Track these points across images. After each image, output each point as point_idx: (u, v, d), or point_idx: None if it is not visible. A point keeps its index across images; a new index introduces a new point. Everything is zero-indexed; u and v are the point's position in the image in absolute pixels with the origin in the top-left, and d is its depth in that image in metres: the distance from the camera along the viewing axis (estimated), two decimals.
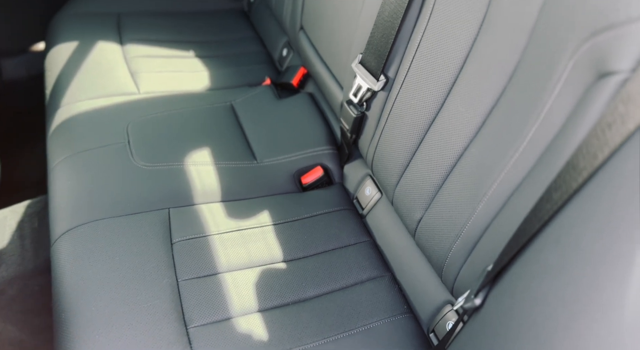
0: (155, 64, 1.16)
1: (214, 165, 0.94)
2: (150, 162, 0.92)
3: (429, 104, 0.70)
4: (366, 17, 0.81)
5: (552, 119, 0.51)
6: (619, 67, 0.41)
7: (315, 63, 1.05)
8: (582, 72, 0.46)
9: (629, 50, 0.40)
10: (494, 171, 0.59)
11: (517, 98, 0.56)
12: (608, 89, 0.42)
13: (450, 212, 0.66)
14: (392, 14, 0.72)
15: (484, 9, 0.60)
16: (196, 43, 1.27)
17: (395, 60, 0.76)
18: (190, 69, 1.19)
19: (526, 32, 0.54)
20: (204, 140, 0.98)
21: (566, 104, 0.48)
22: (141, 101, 1.05)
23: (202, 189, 0.91)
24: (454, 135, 0.66)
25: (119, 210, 0.84)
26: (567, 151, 0.47)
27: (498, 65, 0.58)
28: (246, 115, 1.06)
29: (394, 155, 0.78)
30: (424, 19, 0.69)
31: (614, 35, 0.41)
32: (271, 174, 0.97)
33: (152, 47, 1.21)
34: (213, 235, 0.83)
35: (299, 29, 1.12)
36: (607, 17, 0.42)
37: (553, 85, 0.50)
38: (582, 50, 0.45)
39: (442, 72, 0.67)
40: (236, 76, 1.20)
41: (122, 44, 1.20)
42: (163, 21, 1.31)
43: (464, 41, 0.63)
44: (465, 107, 0.64)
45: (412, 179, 0.74)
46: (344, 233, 0.88)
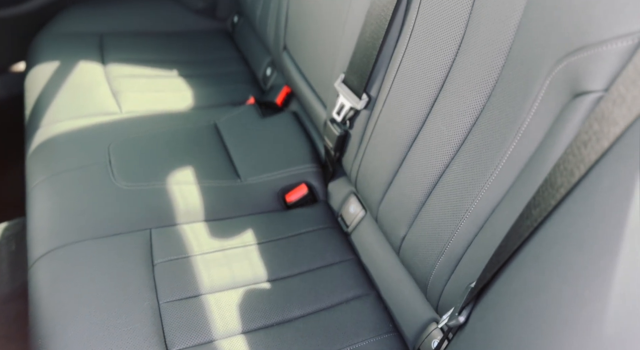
0: (138, 84, 1.16)
1: (197, 184, 0.94)
2: (131, 182, 0.91)
3: (411, 122, 0.70)
4: (348, 38, 0.82)
5: (530, 137, 0.51)
6: (593, 87, 0.42)
7: (299, 82, 1.06)
8: (557, 92, 0.47)
9: (601, 71, 0.41)
10: (475, 188, 0.59)
11: (496, 117, 0.57)
12: (583, 108, 0.43)
13: (433, 229, 0.67)
14: (373, 35, 0.73)
15: (461, 31, 0.61)
16: (179, 62, 1.27)
17: (377, 80, 0.77)
18: (174, 88, 1.19)
19: (503, 53, 0.55)
20: (187, 160, 0.98)
21: (543, 122, 0.49)
22: (123, 121, 1.04)
23: (185, 208, 0.90)
24: (436, 153, 0.66)
25: (99, 231, 0.83)
26: (545, 168, 0.48)
27: (476, 85, 0.60)
28: (230, 134, 1.06)
29: (377, 172, 0.79)
30: (404, 40, 0.70)
31: (587, 56, 0.42)
32: (255, 192, 0.96)
33: (134, 67, 1.20)
34: (196, 256, 0.82)
35: (283, 49, 1.13)
36: (580, 39, 0.43)
37: (530, 104, 0.51)
38: (557, 70, 0.46)
39: (422, 91, 0.68)
40: (220, 95, 1.20)
41: (104, 63, 1.20)
42: (146, 41, 1.31)
43: (443, 62, 0.64)
44: (446, 125, 0.65)
45: (396, 196, 0.75)
46: (328, 251, 0.87)
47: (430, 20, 0.65)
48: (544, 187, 0.46)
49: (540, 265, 0.45)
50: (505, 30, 0.54)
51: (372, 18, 0.72)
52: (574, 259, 0.41)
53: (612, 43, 0.40)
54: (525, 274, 0.46)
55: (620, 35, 0.40)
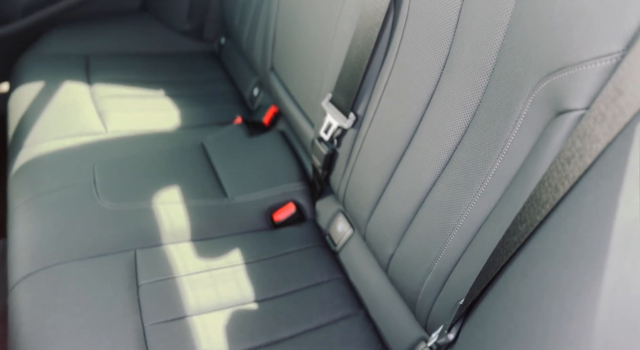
0: (124, 104, 1.16)
1: (183, 203, 0.93)
2: (116, 202, 0.90)
3: (398, 140, 0.71)
4: (335, 58, 0.84)
5: (514, 154, 0.52)
6: (574, 105, 0.43)
7: (286, 102, 1.07)
8: (540, 110, 0.48)
9: (582, 89, 0.42)
10: (461, 205, 0.60)
11: (481, 135, 0.58)
12: (565, 125, 0.45)
13: (421, 247, 0.67)
14: (359, 56, 0.74)
15: (445, 53, 0.62)
16: (166, 83, 1.27)
17: (363, 99, 0.78)
18: (160, 108, 1.19)
19: (486, 74, 0.57)
20: (173, 179, 0.97)
21: (527, 139, 0.50)
22: (108, 141, 1.03)
23: (171, 228, 0.89)
24: (422, 171, 0.67)
25: (82, 253, 0.81)
26: (530, 185, 0.48)
27: (461, 104, 0.61)
28: (217, 154, 1.06)
29: (365, 190, 0.79)
30: (390, 61, 0.71)
31: (567, 75, 0.44)
32: (242, 211, 0.96)
33: (121, 87, 1.20)
34: (181, 277, 0.81)
35: (270, 70, 1.14)
36: (560, 59, 0.44)
37: (514, 122, 0.52)
38: (539, 89, 0.48)
39: (408, 110, 0.69)
40: (207, 115, 1.21)
41: (90, 84, 1.19)
42: (133, 62, 1.32)
43: (428, 82, 0.66)
44: (432, 143, 0.66)
45: (383, 214, 0.75)
46: (316, 270, 0.87)
47: (414, 42, 0.67)
48: (530, 203, 0.46)
49: (528, 281, 0.45)
50: (488, 51, 0.56)
51: (359, 40, 0.74)
52: (561, 274, 0.41)
53: (591, 63, 0.42)
54: (513, 289, 0.46)
55: (598, 56, 0.41)
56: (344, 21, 0.81)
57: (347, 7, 0.80)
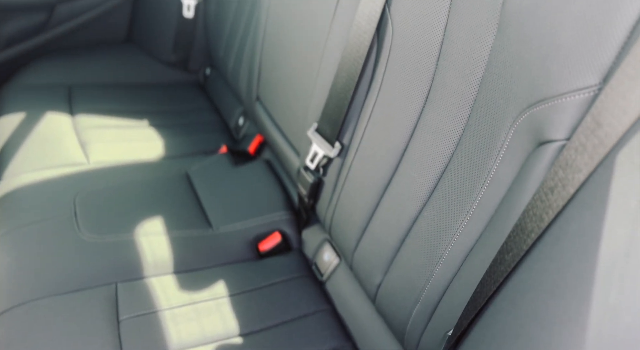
0: (107, 134, 1.15)
1: (167, 234, 0.91)
2: (97, 234, 0.88)
3: (383, 169, 0.72)
4: (320, 89, 0.85)
5: (498, 184, 0.53)
6: (555, 136, 0.44)
7: (272, 131, 1.08)
8: (522, 140, 0.49)
9: (562, 121, 0.44)
10: (447, 234, 0.60)
11: (465, 164, 0.59)
12: (547, 156, 0.45)
13: (408, 276, 0.66)
14: (344, 87, 0.76)
15: (428, 84, 0.64)
16: (150, 113, 1.27)
17: (349, 129, 0.79)
18: (144, 138, 1.18)
19: (468, 105, 0.58)
20: (156, 210, 0.95)
21: (510, 169, 0.51)
22: (90, 172, 1.02)
23: (153, 260, 0.87)
24: (408, 200, 0.67)
25: (62, 287, 0.78)
26: (514, 214, 0.49)
27: (444, 134, 0.62)
28: (202, 183, 1.05)
29: (351, 219, 0.79)
30: (374, 91, 0.72)
31: (547, 107, 0.45)
32: (227, 241, 0.94)
33: (104, 118, 1.19)
34: (164, 311, 0.78)
35: (255, 99, 1.15)
36: (539, 92, 0.46)
37: (496, 152, 0.53)
38: (520, 120, 0.49)
39: (393, 139, 0.70)
40: (191, 145, 1.20)
41: (72, 114, 1.18)
42: (116, 92, 1.31)
43: (412, 112, 0.67)
44: (417, 172, 0.66)
45: (370, 243, 0.75)
46: (303, 301, 0.85)
47: (398, 73, 0.68)
48: (515, 232, 0.47)
49: (516, 311, 0.45)
50: (470, 83, 0.57)
51: (343, 71, 0.75)
52: (548, 304, 0.41)
53: (570, 96, 0.43)
54: (502, 319, 0.46)
55: (576, 89, 0.42)
56: (329, 52, 0.83)
57: (332, 38, 0.82)
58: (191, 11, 1.37)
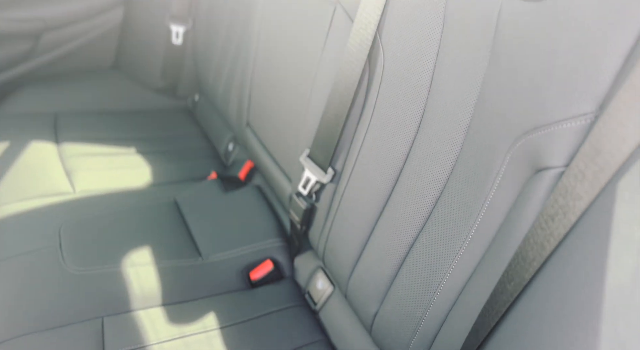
0: (94, 162, 1.12)
1: (155, 265, 0.89)
2: (83, 266, 0.85)
3: (377, 195, 0.71)
4: (312, 115, 0.84)
5: (495, 211, 0.52)
6: (553, 163, 0.44)
7: (263, 157, 1.07)
8: (519, 167, 0.49)
9: (559, 148, 0.43)
10: (445, 262, 0.59)
11: (460, 190, 0.58)
12: (546, 183, 0.45)
13: (405, 305, 0.65)
14: (336, 113, 0.75)
15: (421, 110, 0.64)
16: (138, 140, 1.25)
17: (341, 154, 0.78)
18: (132, 165, 1.16)
19: (462, 130, 0.58)
20: (144, 239, 0.93)
21: (507, 196, 0.51)
22: (76, 201, 0.99)
23: (141, 292, 0.84)
24: (403, 226, 0.66)
25: (45, 323, 0.75)
26: (514, 242, 0.48)
27: (439, 159, 0.61)
28: (191, 211, 1.03)
29: (345, 246, 0.77)
30: (366, 117, 0.72)
31: (543, 134, 0.45)
32: (218, 271, 0.92)
33: (90, 145, 1.17)
34: (152, 345, 0.75)
35: (246, 125, 1.14)
36: (535, 119, 0.46)
37: (493, 178, 0.52)
38: (516, 147, 0.48)
39: (387, 165, 0.69)
40: (180, 171, 1.18)
41: (58, 142, 1.16)
42: (104, 119, 1.30)
43: (405, 138, 0.66)
44: (411, 198, 0.65)
45: (365, 271, 0.73)
46: (296, 332, 0.83)
47: (390, 100, 0.68)
48: (516, 260, 0.46)
49: (520, 342, 0.44)
50: (463, 109, 0.57)
51: (335, 97, 0.75)
52: (553, 335, 0.40)
53: (566, 123, 0.43)
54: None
55: (572, 116, 0.42)
56: (321, 78, 0.83)
57: (323, 65, 0.82)
58: (180, 38, 1.37)
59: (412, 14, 0.64)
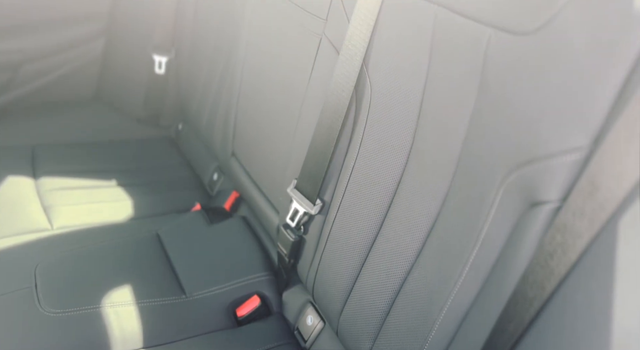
0: (73, 196, 1.09)
1: (136, 304, 0.85)
2: (60, 308, 0.80)
3: (367, 227, 0.69)
4: (299, 145, 0.83)
5: (490, 245, 0.51)
6: (548, 197, 0.43)
7: (249, 187, 1.04)
8: (513, 200, 0.48)
9: (554, 182, 0.42)
10: (441, 296, 0.57)
11: (453, 222, 0.57)
12: (542, 218, 0.44)
13: (400, 343, 0.62)
14: (324, 144, 0.74)
15: (409, 141, 0.63)
16: (119, 171, 1.22)
17: (330, 185, 0.77)
18: (112, 198, 1.12)
19: (453, 161, 0.57)
20: (124, 277, 0.89)
21: (502, 230, 0.49)
22: (54, 238, 0.95)
23: (122, 335, 0.79)
24: (395, 259, 0.64)
25: None
26: (511, 278, 0.46)
27: (430, 190, 0.60)
28: (174, 245, 0.99)
29: (335, 280, 0.75)
30: (354, 147, 0.71)
31: (537, 168, 0.44)
32: (202, 309, 0.88)
33: (70, 179, 1.14)
34: None
35: (231, 155, 1.12)
36: (529, 152, 0.45)
37: (486, 211, 0.51)
38: (509, 179, 0.47)
39: (376, 196, 0.68)
40: (163, 203, 1.15)
41: (35, 177, 1.12)
42: (84, 151, 1.27)
43: (395, 167, 0.65)
44: (403, 230, 0.64)
45: (357, 306, 0.71)
46: None
47: (378, 129, 0.67)
48: (516, 299, 0.44)
49: None
50: (453, 140, 0.56)
51: (323, 128, 0.74)
52: None
53: (561, 157, 0.42)
54: None
55: (566, 150, 0.42)
56: (307, 108, 0.82)
57: (310, 95, 0.81)
58: (162, 68, 1.36)
59: (398, 45, 0.63)
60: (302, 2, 0.85)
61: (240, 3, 1.05)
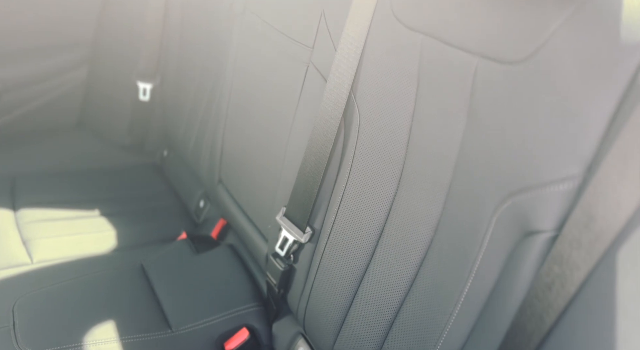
0: (54, 228, 1.06)
1: (120, 341, 0.81)
2: (39, 348, 0.77)
3: (359, 255, 0.68)
4: (288, 172, 0.82)
5: (485, 275, 0.50)
6: (543, 227, 0.42)
7: (237, 215, 1.02)
8: (506, 229, 0.47)
9: (547, 211, 0.42)
10: (436, 328, 0.56)
11: (446, 251, 0.56)
12: (537, 247, 0.43)
13: None
14: (313, 171, 0.73)
15: (399, 167, 0.62)
16: (102, 201, 1.19)
17: (320, 213, 0.76)
18: (95, 229, 1.09)
19: (444, 188, 0.56)
20: (107, 312, 0.85)
21: (497, 259, 0.48)
22: (34, 272, 0.92)
23: None
24: (388, 289, 0.63)
25: None
26: (508, 310, 0.45)
27: (421, 218, 0.59)
28: (159, 277, 0.96)
29: (327, 311, 0.73)
30: (344, 174, 0.70)
31: (530, 197, 0.43)
32: (189, 343, 0.85)
33: (51, 210, 1.11)
34: None
35: (218, 182, 1.10)
36: (521, 181, 0.44)
37: (480, 240, 0.50)
38: (502, 208, 0.47)
39: (367, 223, 0.67)
40: (147, 233, 1.12)
41: (15, 209, 1.09)
42: (66, 181, 1.23)
43: (385, 194, 0.64)
44: (396, 259, 0.63)
45: (349, 338, 0.68)
46: None
47: (367, 156, 0.67)
48: (514, 332, 0.43)
49: None
50: (443, 168, 0.56)
51: (312, 155, 0.73)
52: None
53: (553, 186, 0.41)
54: None
55: (559, 179, 0.41)
56: (296, 136, 0.81)
57: (298, 122, 0.81)
58: (147, 95, 1.35)
59: (386, 72, 0.63)
60: (288, 30, 0.86)
61: (227, 30, 1.05)
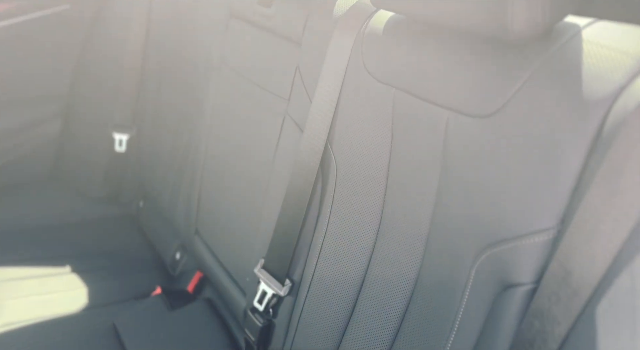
0: (22, 288, 1.01)
1: None
2: None
3: (340, 307, 0.66)
4: (266, 223, 0.81)
5: (468, 328, 0.49)
6: (521, 279, 0.42)
7: (214, 267, 1.00)
8: (486, 282, 0.47)
9: (526, 263, 0.42)
10: None
11: (427, 304, 0.55)
12: (516, 300, 0.43)
13: None
14: (291, 222, 0.73)
15: (377, 217, 0.62)
16: (74, 256, 1.15)
17: (299, 264, 0.74)
18: (66, 287, 1.05)
19: (421, 240, 0.56)
20: None
21: (478, 313, 0.48)
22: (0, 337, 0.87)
23: None
24: (371, 343, 0.61)
25: None
26: None
27: (401, 268, 0.59)
28: (131, 336, 0.92)
29: None
30: (322, 224, 0.70)
31: (507, 249, 0.43)
32: None
33: (20, 268, 1.06)
34: None
35: (194, 233, 1.08)
36: (497, 233, 0.44)
37: (460, 292, 0.50)
38: (480, 259, 0.47)
39: (347, 275, 0.66)
40: (121, 289, 1.08)
41: None
42: (36, 237, 1.19)
43: (364, 245, 0.64)
44: (377, 311, 0.62)
45: None
46: None
47: (345, 206, 0.67)
48: None
49: None
50: (420, 219, 0.56)
51: (290, 206, 0.73)
52: None
53: (529, 238, 0.42)
54: None
55: (534, 231, 0.41)
56: (273, 186, 0.81)
57: (276, 173, 0.81)
58: (123, 146, 1.34)
59: (360, 124, 0.64)
60: (264, 83, 0.87)
61: (204, 81, 1.07)
